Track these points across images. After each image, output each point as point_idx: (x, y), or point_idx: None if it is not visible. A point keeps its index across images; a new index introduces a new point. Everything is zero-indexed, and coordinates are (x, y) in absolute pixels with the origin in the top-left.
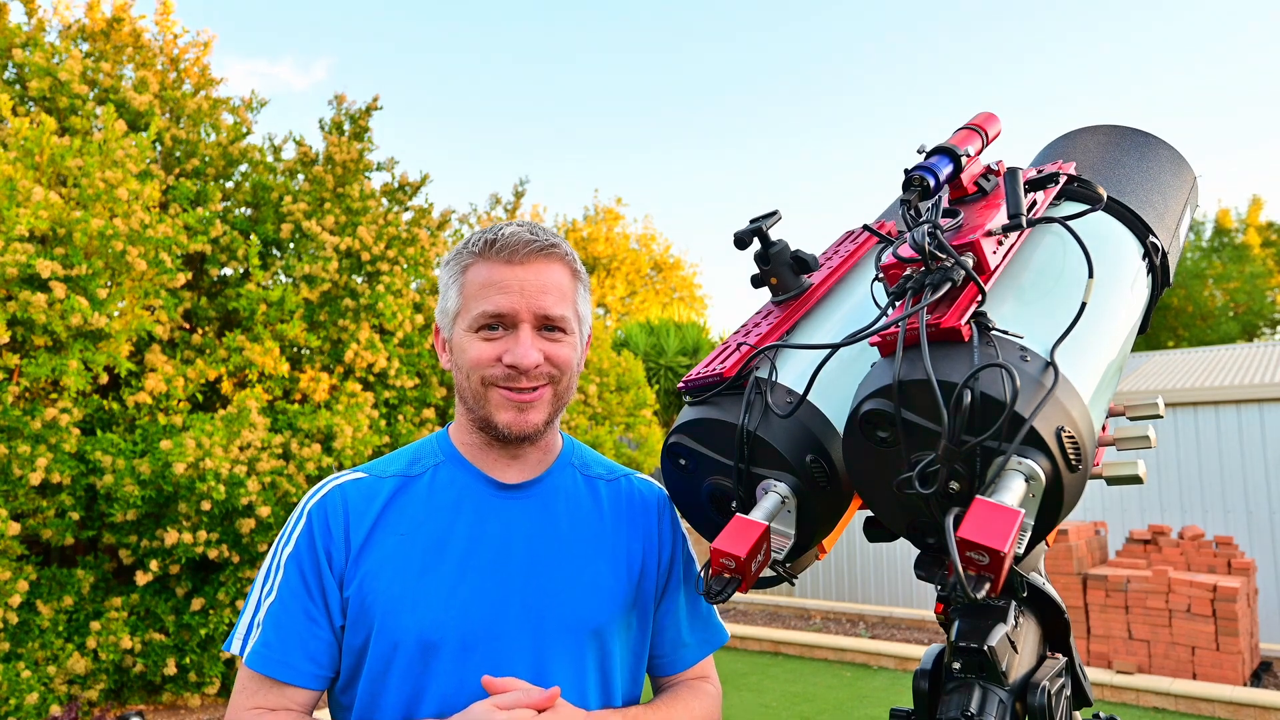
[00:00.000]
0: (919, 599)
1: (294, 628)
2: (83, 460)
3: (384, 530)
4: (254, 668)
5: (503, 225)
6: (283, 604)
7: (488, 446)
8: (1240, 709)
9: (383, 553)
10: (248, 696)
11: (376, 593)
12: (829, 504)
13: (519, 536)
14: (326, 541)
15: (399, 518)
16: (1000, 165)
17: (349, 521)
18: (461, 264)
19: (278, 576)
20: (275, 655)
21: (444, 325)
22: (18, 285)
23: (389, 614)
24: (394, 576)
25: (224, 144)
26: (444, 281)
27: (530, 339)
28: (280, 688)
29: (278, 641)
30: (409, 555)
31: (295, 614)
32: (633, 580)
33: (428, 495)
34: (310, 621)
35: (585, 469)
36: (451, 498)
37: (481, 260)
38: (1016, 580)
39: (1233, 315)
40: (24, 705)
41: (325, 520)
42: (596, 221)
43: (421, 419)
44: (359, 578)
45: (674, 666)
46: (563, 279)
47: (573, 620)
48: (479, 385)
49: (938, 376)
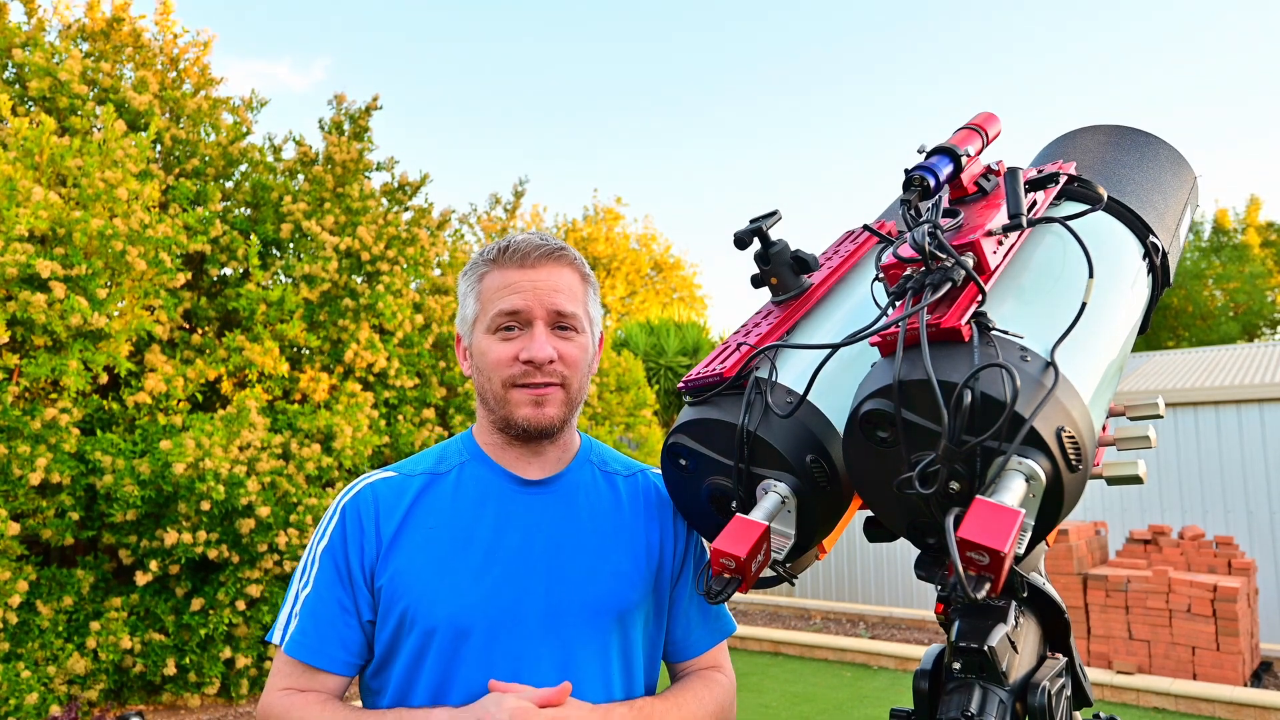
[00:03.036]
0: (919, 599)
1: (329, 617)
2: (82, 460)
3: (413, 525)
4: (291, 654)
5: (514, 235)
6: (318, 595)
7: (509, 445)
8: (1240, 709)
9: (412, 546)
10: (282, 679)
11: (408, 583)
12: (829, 504)
13: (541, 528)
14: (359, 536)
15: (427, 513)
16: (1000, 165)
17: (379, 517)
18: (478, 273)
19: (313, 570)
20: (310, 643)
21: (464, 333)
22: (18, 285)
23: (421, 603)
24: (424, 567)
25: (224, 144)
26: (462, 292)
27: (544, 335)
28: (313, 673)
29: (314, 630)
30: (437, 547)
31: (330, 604)
32: (652, 568)
33: (454, 492)
34: (344, 611)
35: (603, 465)
36: (477, 494)
37: (496, 267)
38: (1017, 580)
39: (1233, 315)
40: (24, 705)
41: (358, 516)
42: (596, 221)
43: (421, 419)
44: (390, 570)
45: (686, 652)
46: (573, 281)
47: (596, 606)
48: (500, 388)
49: (938, 376)
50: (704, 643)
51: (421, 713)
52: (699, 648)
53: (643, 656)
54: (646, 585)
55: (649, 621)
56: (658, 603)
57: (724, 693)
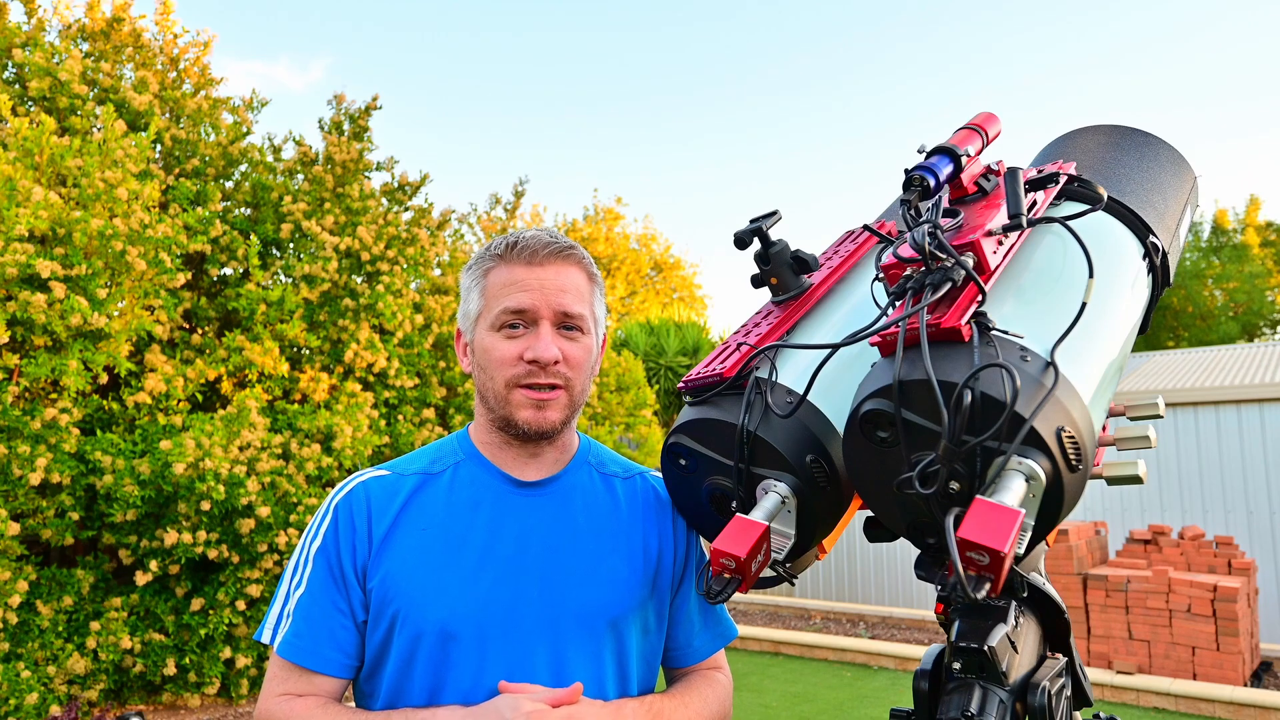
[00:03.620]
0: (919, 599)
1: (323, 618)
2: (82, 460)
3: (406, 525)
4: (285, 656)
5: (522, 231)
6: (311, 596)
7: (506, 445)
8: (1240, 709)
9: (405, 546)
10: (278, 684)
11: (400, 586)
12: (829, 504)
13: (537, 531)
14: (351, 535)
15: (420, 513)
16: (1000, 165)
17: (371, 516)
18: (483, 268)
19: (306, 569)
20: (305, 645)
21: (465, 329)
22: (18, 285)
23: (411, 605)
24: (416, 569)
25: (224, 144)
26: (465, 286)
27: (550, 335)
28: (309, 676)
29: (307, 631)
30: (430, 549)
31: (324, 605)
32: (649, 573)
33: (448, 492)
34: (338, 612)
35: (602, 467)
36: (471, 494)
37: (503, 263)
38: (1016, 580)
39: (1233, 315)
40: (24, 705)
41: (350, 515)
42: (596, 221)
43: (421, 419)
44: (382, 570)
45: (687, 659)
46: (580, 280)
47: (589, 611)
48: (502, 387)
49: (938, 376)
50: (706, 649)
51: (427, 712)
52: (701, 654)
53: (637, 662)
54: (643, 591)
55: (647, 627)
56: (657, 609)
57: (725, 693)
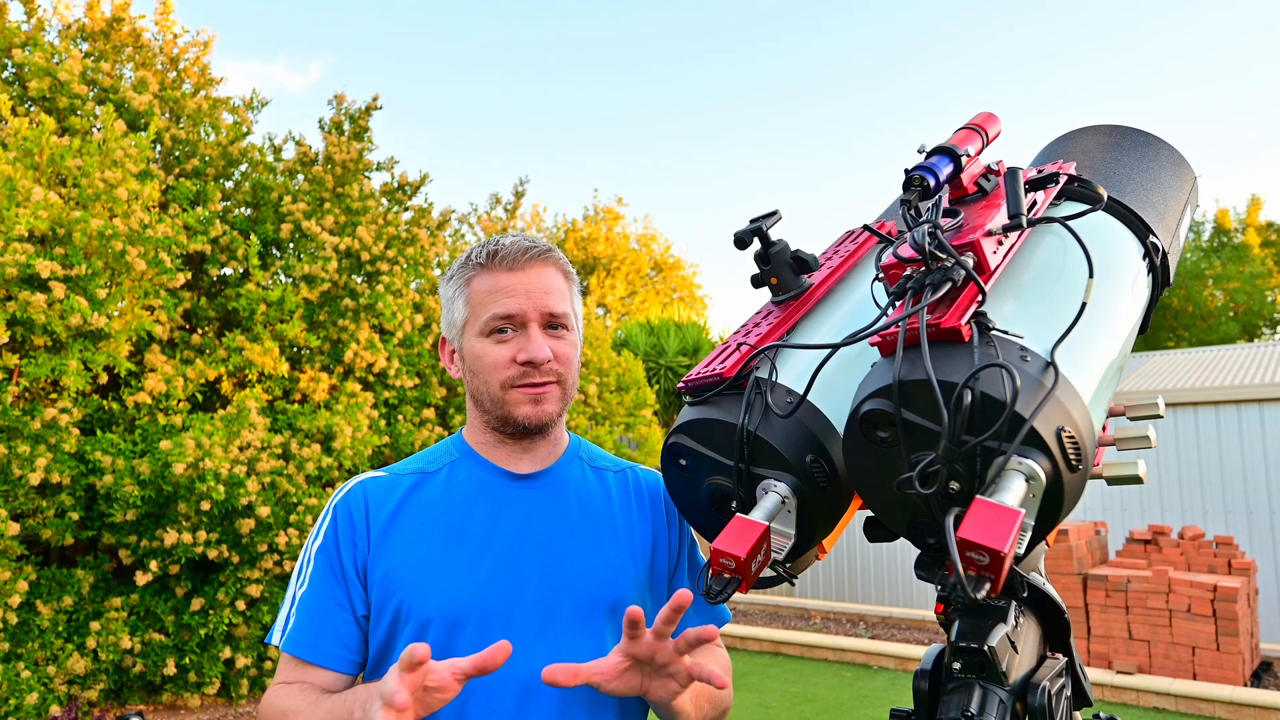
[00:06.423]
0: (919, 599)
1: (324, 614)
2: (82, 460)
3: (404, 520)
4: (288, 651)
5: (498, 238)
6: (314, 593)
7: (500, 443)
8: (1240, 709)
9: (404, 541)
10: (280, 676)
11: (401, 578)
12: (829, 504)
13: (533, 520)
14: (350, 533)
15: (418, 508)
16: (1000, 165)
17: (369, 513)
18: (465, 277)
19: (309, 569)
20: (306, 639)
21: (451, 337)
22: (17, 285)
23: (415, 596)
24: (417, 561)
25: (224, 144)
26: (448, 296)
27: (539, 336)
28: (311, 669)
29: (309, 626)
30: (429, 541)
31: (326, 601)
32: (645, 561)
33: (445, 488)
34: (340, 608)
35: (593, 461)
36: (468, 489)
37: (485, 271)
38: (1016, 580)
39: (1233, 315)
40: (24, 705)
41: (349, 514)
42: (596, 221)
43: (421, 419)
44: (383, 565)
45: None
46: (559, 280)
47: (588, 597)
48: (498, 390)
49: (938, 376)
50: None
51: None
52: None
53: None
54: (639, 577)
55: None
56: (654, 598)
57: (726, 660)
